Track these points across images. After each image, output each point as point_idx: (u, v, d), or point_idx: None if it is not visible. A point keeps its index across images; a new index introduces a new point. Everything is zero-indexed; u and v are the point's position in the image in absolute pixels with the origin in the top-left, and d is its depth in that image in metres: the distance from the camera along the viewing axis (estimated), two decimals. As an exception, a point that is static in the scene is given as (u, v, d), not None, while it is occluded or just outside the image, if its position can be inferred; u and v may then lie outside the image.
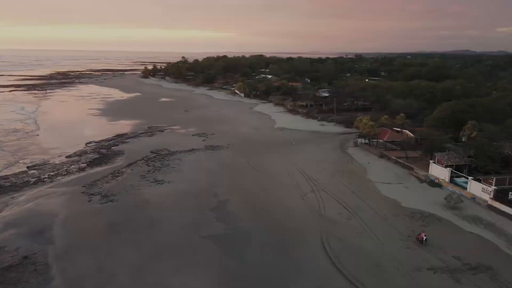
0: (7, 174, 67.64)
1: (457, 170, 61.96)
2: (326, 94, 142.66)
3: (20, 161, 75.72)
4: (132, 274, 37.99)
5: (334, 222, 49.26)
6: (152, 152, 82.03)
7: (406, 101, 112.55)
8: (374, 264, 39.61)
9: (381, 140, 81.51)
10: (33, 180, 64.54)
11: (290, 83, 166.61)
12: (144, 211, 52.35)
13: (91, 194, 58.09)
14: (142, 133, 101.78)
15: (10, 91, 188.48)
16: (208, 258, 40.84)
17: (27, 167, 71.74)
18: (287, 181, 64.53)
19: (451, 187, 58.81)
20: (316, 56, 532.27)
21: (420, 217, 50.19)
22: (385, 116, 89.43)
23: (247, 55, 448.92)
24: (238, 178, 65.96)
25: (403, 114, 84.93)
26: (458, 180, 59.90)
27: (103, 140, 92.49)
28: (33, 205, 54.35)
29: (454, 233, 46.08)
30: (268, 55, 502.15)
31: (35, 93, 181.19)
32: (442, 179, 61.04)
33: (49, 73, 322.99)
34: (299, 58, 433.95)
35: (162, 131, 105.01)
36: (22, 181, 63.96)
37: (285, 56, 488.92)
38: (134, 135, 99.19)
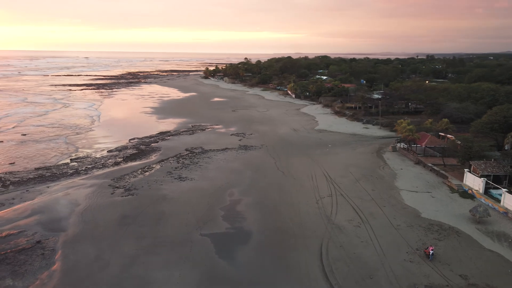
0: (51, 165, 73.57)
1: (496, 181, 56.17)
2: (379, 96, 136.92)
3: (71, 154, 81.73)
4: (124, 265, 39.36)
5: (341, 228, 47.11)
6: (186, 149, 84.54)
7: (461, 105, 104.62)
8: (368, 276, 37.27)
9: (420, 145, 76.29)
10: (71, 171, 69.45)
11: (343, 84, 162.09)
12: (157, 206, 54.02)
13: (116, 187, 61.21)
14: (184, 131, 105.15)
15: (81, 89, 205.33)
16: (200, 256, 41.10)
17: (70, 159, 77.51)
18: (308, 183, 62.92)
19: (483, 199, 53.41)
20: (385, 57, 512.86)
21: (438, 230, 46.24)
22: (429, 120, 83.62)
23: (313, 56, 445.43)
24: (259, 179, 65.60)
25: (445, 119, 78.73)
26: (494, 192, 54.23)
27: (145, 137, 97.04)
28: (62, 194, 58.59)
29: (470, 250, 41.76)
30: (334, 56, 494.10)
31: (101, 92, 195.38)
32: (476, 190, 55.64)
33: (120, 73, 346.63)
34: (366, 58, 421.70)
35: (203, 129, 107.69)
36: (61, 172, 69.12)
37: (354, 57, 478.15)
38: (176, 133, 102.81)
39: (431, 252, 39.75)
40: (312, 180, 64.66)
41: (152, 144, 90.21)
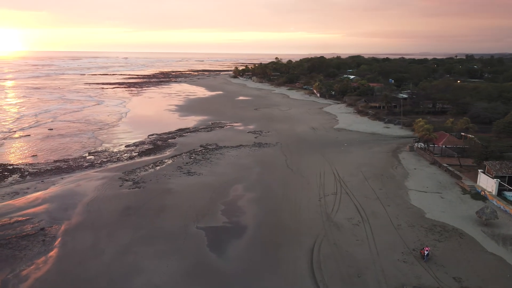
0: (69, 158, 76.39)
1: (512, 183, 53.22)
2: (404, 96, 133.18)
3: (92, 148, 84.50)
4: (116, 253, 40.22)
5: (339, 226, 46.13)
6: (201, 146, 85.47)
7: (490, 105, 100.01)
8: (355, 274, 36.28)
9: (437, 145, 73.45)
10: (86, 164, 71.86)
11: (369, 84, 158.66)
12: (161, 198, 54.91)
13: (125, 180, 62.74)
14: (202, 128, 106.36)
15: (113, 88, 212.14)
16: (191, 247, 41.42)
17: (88, 153, 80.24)
18: (315, 181, 62.03)
19: (495, 201, 50.72)
20: (423, 57, 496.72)
21: (440, 231, 44.35)
22: (450, 119, 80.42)
23: (345, 56, 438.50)
24: (267, 176, 65.31)
25: (466, 118, 75.37)
26: (507, 194, 51.40)
27: (164, 133, 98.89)
28: (74, 185, 60.70)
29: (471, 253, 39.76)
30: (368, 56, 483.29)
31: (131, 90, 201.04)
32: (489, 192, 52.94)
33: (153, 72, 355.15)
34: (401, 58, 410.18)
35: (222, 127, 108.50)
36: (77, 165, 71.68)
37: (391, 57, 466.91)
38: (194, 130, 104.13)
39: (426, 252, 38.18)
40: (320, 178, 63.70)
41: (169, 140, 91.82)
